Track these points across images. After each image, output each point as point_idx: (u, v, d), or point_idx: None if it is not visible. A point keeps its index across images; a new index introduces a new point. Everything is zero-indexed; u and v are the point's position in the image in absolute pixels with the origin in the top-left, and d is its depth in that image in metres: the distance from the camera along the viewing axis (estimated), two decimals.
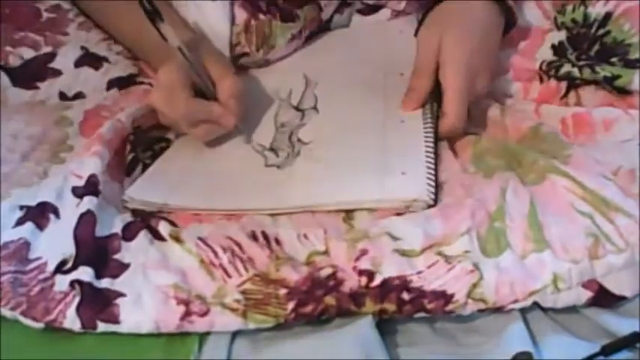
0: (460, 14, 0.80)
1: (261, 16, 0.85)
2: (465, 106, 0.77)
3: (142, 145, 0.79)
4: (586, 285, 0.64)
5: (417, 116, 0.78)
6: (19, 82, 0.83)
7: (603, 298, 0.64)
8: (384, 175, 0.72)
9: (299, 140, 0.78)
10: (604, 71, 0.79)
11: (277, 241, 0.68)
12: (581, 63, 0.80)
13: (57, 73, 0.84)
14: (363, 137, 0.77)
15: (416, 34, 0.82)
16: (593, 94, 0.80)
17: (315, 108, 0.81)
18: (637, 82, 0.78)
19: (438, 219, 0.68)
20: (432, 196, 0.69)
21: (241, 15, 0.84)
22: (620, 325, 0.62)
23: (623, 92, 0.79)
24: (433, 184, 0.71)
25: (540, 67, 0.82)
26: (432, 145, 0.74)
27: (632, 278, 0.64)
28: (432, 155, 0.73)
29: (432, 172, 0.72)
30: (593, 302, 0.64)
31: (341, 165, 0.74)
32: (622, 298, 0.64)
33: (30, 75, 0.83)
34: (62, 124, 0.80)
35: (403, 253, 0.66)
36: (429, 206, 0.69)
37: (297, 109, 0.82)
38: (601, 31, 0.82)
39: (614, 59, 0.80)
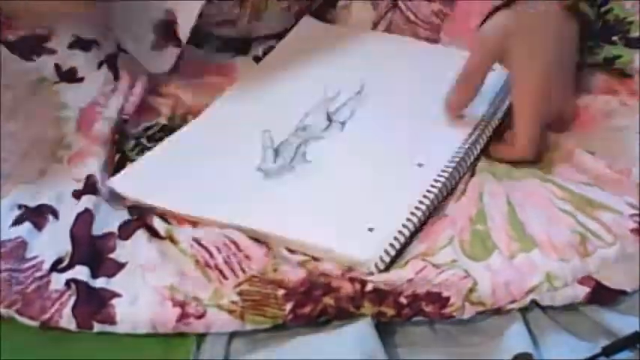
0: (532, 23, 0.76)
1: None
2: (538, 130, 0.74)
3: (128, 141, 0.81)
4: (582, 281, 0.66)
5: (439, 163, 0.74)
6: (17, 52, 0.88)
7: (601, 294, 0.65)
8: (349, 226, 0.69)
9: (303, 155, 0.77)
10: (604, 52, 0.81)
11: (268, 247, 0.70)
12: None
13: (51, 51, 0.88)
14: (361, 178, 0.74)
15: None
16: (593, 77, 0.82)
17: (343, 124, 0.80)
18: (637, 62, 0.80)
19: (417, 240, 0.70)
20: (382, 265, 0.67)
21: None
22: (622, 324, 0.64)
23: (623, 75, 0.81)
24: (393, 251, 0.67)
25: None
26: (428, 200, 0.71)
27: (628, 272, 0.66)
28: (418, 214, 0.70)
29: (404, 235, 0.68)
30: (592, 298, 0.65)
31: (316, 202, 0.72)
32: (620, 293, 0.66)
33: (27, 47, 0.88)
34: (59, 124, 0.82)
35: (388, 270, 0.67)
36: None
37: (328, 117, 0.81)
38: (603, 9, 0.83)
39: (615, 38, 0.82)
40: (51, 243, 0.70)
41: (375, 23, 0.95)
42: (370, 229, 0.69)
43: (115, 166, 0.79)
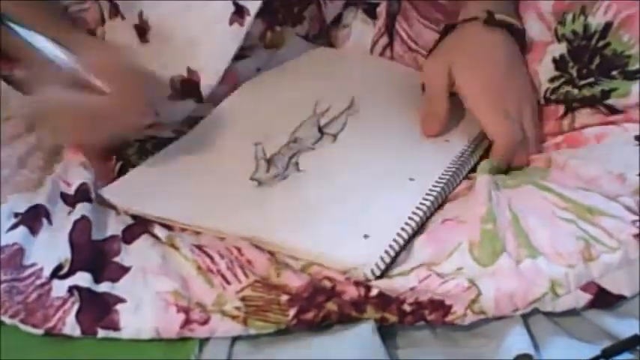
0: (465, 42, 0.86)
1: (277, 28, 0.92)
2: (506, 121, 0.82)
3: (132, 146, 0.84)
4: (584, 288, 0.68)
5: (431, 177, 0.78)
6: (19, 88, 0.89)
7: (602, 299, 0.68)
8: (344, 232, 0.72)
9: (296, 164, 0.80)
10: (602, 86, 0.84)
11: (270, 252, 0.72)
12: (582, 82, 0.85)
13: None
14: (354, 188, 0.77)
15: None
16: (589, 116, 0.85)
17: (335, 136, 0.84)
18: (635, 93, 0.82)
19: (426, 244, 0.72)
20: (378, 271, 0.69)
21: (258, 27, 0.90)
22: (621, 327, 0.66)
23: (616, 112, 0.83)
24: (388, 258, 0.70)
25: (544, 94, 0.87)
26: (421, 212, 0.74)
27: (629, 277, 0.68)
28: (411, 225, 0.72)
29: (397, 245, 0.71)
30: (593, 304, 0.68)
31: (310, 208, 0.75)
32: (620, 298, 0.68)
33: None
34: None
35: (392, 276, 0.70)
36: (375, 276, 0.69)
37: (320, 129, 0.85)
38: (601, 43, 0.85)
39: (614, 72, 0.84)
40: (48, 249, 0.72)
41: (374, 42, 1.00)
42: (365, 236, 0.72)
43: (117, 173, 0.82)
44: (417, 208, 0.74)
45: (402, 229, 0.72)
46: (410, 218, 0.73)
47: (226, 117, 0.89)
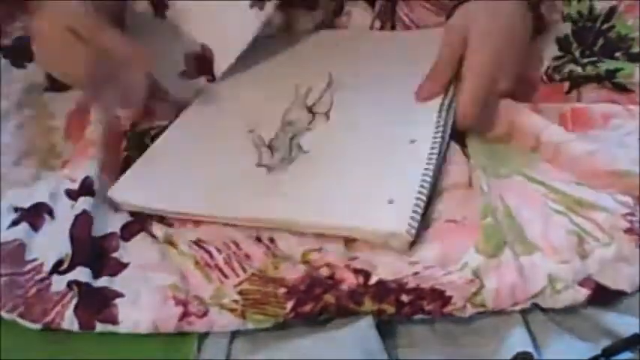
0: (488, 9, 0.83)
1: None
2: (480, 100, 0.80)
3: (135, 142, 0.84)
4: (582, 283, 0.67)
5: (428, 137, 0.78)
6: (10, 57, 0.91)
7: (602, 295, 0.67)
8: (369, 201, 0.72)
9: (299, 146, 0.80)
10: (606, 65, 0.84)
11: (271, 240, 0.72)
12: (585, 60, 0.85)
13: None
14: (363, 158, 0.78)
15: None
16: (594, 91, 0.84)
17: (327, 114, 0.84)
18: (638, 75, 0.82)
19: (431, 243, 0.72)
20: (413, 232, 0.70)
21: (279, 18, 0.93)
22: (622, 325, 0.66)
23: (624, 90, 0.83)
24: (418, 217, 0.70)
25: (546, 72, 0.86)
26: (431, 171, 0.74)
27: (627, 271, 0.68)
28: (427, 184, 0.73)
29: (422, 203, 0.71)
30: (592, 300, 0.67)
31: (329, 185, 0.75)
32: (620, 293, 0.68)
33: (19, 50, 0.90)
34: (49, 135, 0.86)
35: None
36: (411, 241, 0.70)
37: (309, 110, 0.85)
38: (605, 26, 0.86)
39: (617, 54, 0.85)
40: (49, 245, 0.73)
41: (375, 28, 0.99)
42: (390, 201, 0.72)
43: (120, 166, 0.82)
44: (426, 169, 0.74)
45: (421, 186, 0.72)
46: (423, 180, 0.73)
47: (211, 104, 0.88)
